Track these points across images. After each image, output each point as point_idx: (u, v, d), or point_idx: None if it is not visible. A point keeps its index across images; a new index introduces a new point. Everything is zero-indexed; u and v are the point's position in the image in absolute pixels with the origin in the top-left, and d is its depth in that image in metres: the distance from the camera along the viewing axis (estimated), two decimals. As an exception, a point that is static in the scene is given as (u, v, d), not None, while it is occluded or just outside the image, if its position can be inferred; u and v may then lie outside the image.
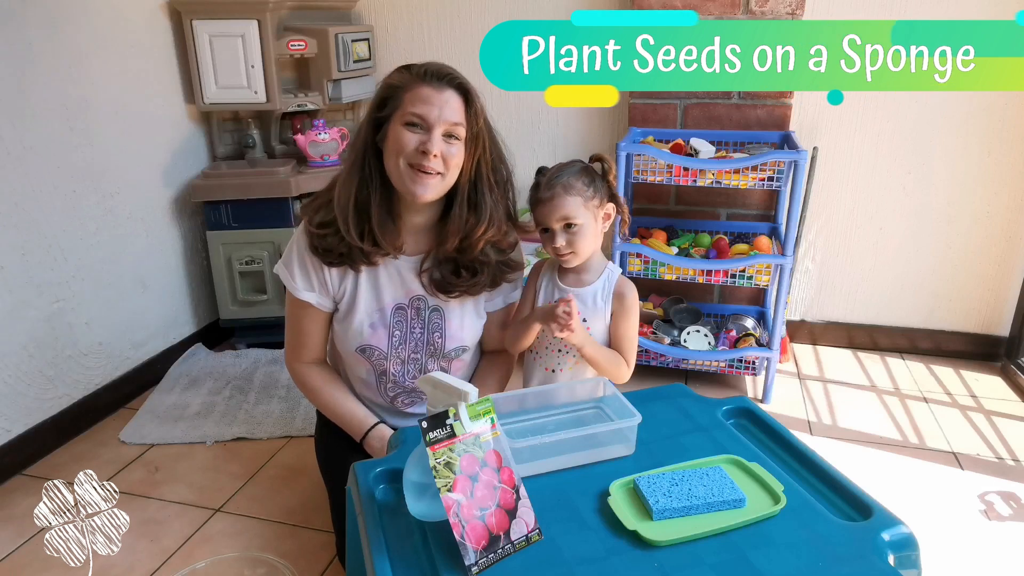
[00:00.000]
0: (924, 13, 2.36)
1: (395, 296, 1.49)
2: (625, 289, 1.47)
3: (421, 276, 1.47)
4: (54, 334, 2.17)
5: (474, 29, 2.78)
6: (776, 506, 1.02)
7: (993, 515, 1.86)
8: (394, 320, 1.50)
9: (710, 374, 2.54)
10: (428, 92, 1.31)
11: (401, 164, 1.33)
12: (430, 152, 1.31)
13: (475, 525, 0.93)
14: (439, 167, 1.33)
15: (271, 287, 2.68)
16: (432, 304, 1.50)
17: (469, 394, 1.01)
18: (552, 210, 1.40)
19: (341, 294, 1.49)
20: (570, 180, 1.40)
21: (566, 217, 1.40)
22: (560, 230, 1.41)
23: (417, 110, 1.31)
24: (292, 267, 1.48)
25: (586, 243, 1.42)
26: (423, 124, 1.31)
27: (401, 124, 1.32)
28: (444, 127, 1.32)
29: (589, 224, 1.42)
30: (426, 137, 1.31)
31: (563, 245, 1.41)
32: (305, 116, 2.80)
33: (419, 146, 1.31)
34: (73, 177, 2.21)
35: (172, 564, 1.72)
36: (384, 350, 1.51)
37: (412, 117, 1.31)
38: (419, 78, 1.33)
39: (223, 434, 2.22)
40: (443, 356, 1.54)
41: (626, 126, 2.60)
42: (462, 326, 1.53)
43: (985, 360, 2.65)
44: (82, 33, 2.21)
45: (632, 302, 1.47)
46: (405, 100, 1.32)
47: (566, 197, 1.39)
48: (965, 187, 2.51)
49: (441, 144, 1.32)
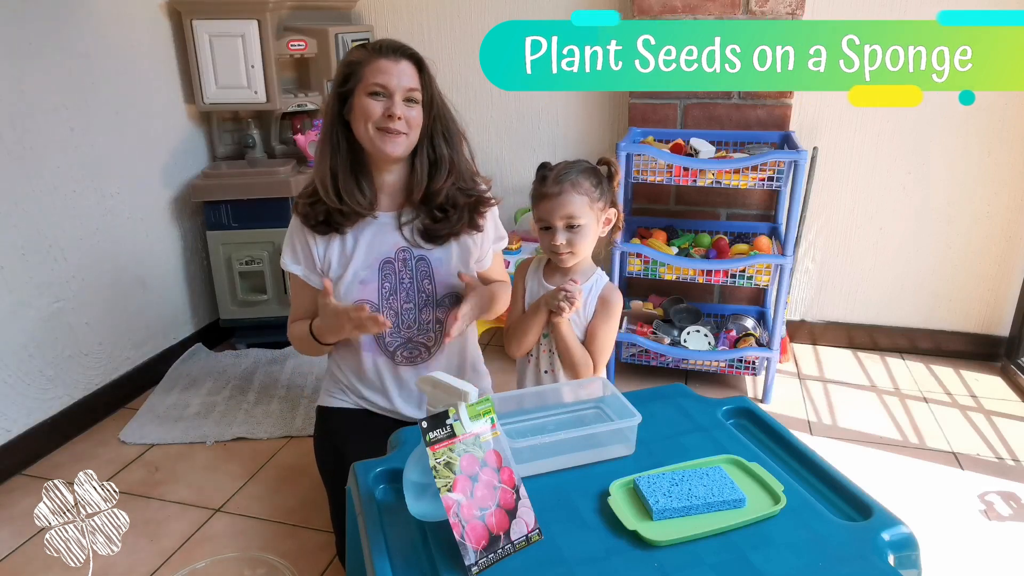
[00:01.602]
0: (924, 13, 2.36)
1: (381, 252, 1.59)
2: (611, 294, 1.47)
3: (402, 229, 1.59)
4: (54, 334, 2.17)
5: (474, 29, 2.78)
6: (776, 506, 1.02)
7: (993, 515, 1.86)
8: (382, 274, 1.59)
9: (710, 374, 2.54)
10: (386, 64, 1.48)
11: (370, 129, 1.48)
12: (395, 115, 1.46)
13: (475, 525, 0.93)
14: (403, 127, 1.48)
15: (271, 287, 2.68)
16: (417, 254, 1.60)
17: (469, 394, 1.01)
18: (558, 206, 1.40)
19: (327, 264, 1.59)
20: (578, 178, 1.40)
21: (571, 215, 1.39)
22: (562, 228, 1.41)
23: (378, 80, 1.47)
24: (285, 244, 1.63)
25: (586, 244, 1.42)
26: (385, 92, 1.47)
27: (365, 95, 1.48)
28: (403, 93, 1.48)
29: (591, 225, 1.42)
30: (390, 103, 1.47)
31: (563, 244, 1.41)
32: (305, 116, 2.80)
33: (384, 111, 1.47)
34: (73, 177, 2.21)
35: (172, 564, 1.72)
36: (376, 302, 1.58)
37: (374, 87, 1.47)
38: (376, 53, 1.49)
39: (223, 434, 2.22)
40: (437, 305, 1.61)
41: (626, 126, 2.60)
42: (450, 272, 1.61)
43: (985, 360, 2.65)
44: (82, 33, 2.21)
45: (615, 309, 1.47)
46: (366, 73, 1.48)
47: (573, 195, 1.39)
48: (965, 187, 2.51)
49: (403, 107, 1.48)
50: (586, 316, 1.48)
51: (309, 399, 2.40)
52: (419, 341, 1.63)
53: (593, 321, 1.47)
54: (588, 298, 1.47)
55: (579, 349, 1.47)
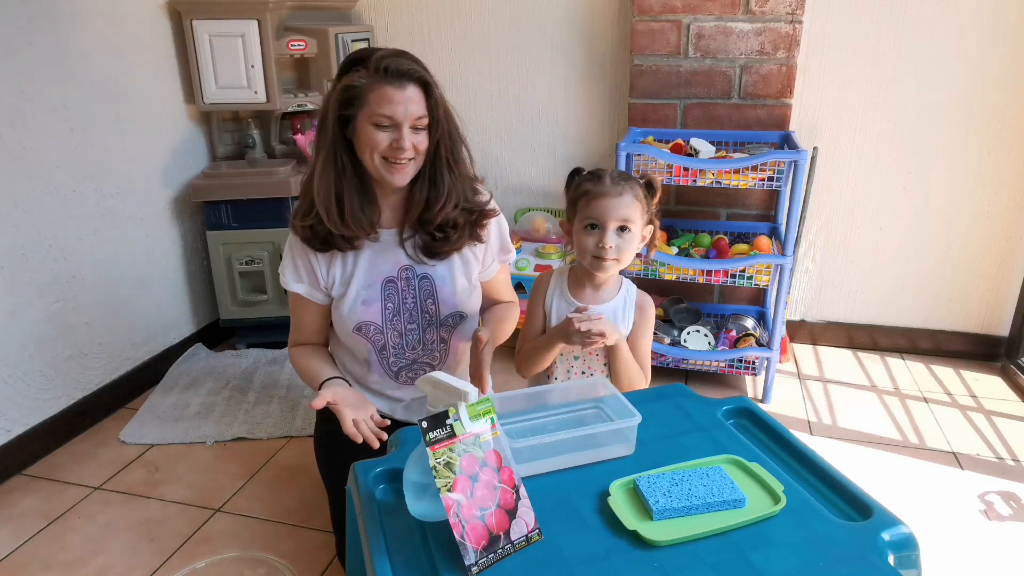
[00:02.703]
0: (924, 12, 2.36)
1: (383, 271, 1.54)
2: (646, 302, 1.47)
3: (404, 245, 1.54)
4: (54, 334, 2.17)
5: (474, 29, 2.78)
6: (776, 506, 1.02)
7: (993, 515, 1.86)
8: (385, 293, 1.55)
9: (710, 374, 2.54)
10: (391, 92, 1.37)
11: (376, 159, 1.41)
12: (404, 148, 1.39)
13: (475, 525, 0.93)
14: (411, 154, 1.42)
15: (271, 287, 2.68)
16: (420, 272, 1.55)
17: (469, 394, 1.01)
18: (616, 207, 1.36)
19: (331, 281, 1.54)
20: (635, 186, 1.38)
21: (626, 219, 1.36)
22: (615, 230, 1.37)
23: (384, 111, 1.37)
24: (285, 262, 1.57)
25: (630, 252, 1.39)
26: (391, 123, 1.39)
27: (370, 124, 1.39)
28: (410, 122, 1.39)
29: (637, 235, 1.39)
30: (397, 135, 1.39)
31: (612, 247, 1.36)
32: (305, 116, 2.80)
33: (392, 143, 1.39)
34: (73, 177, 2.21)
35: (172, 564, 1.72)
36: (379, 323, 1.55)
37: (380, 119, 1.38)
38: (381, 78, 1.37)
39: (223, 434, 2.22)
40: (440, 325, 1.58)
41: (626, 126, 2.60)
42: (454, 291, 1.57)
43: (985, 360, 2.65)
44: (82, 33, 2.21)
45: (652, 315, 1.47)
46: (370, 101, 1.38)
47: (632, 198, 1.36)
48: (965, 187, 2.51)
49: (410, 137, 1.40)
50: (627, 324, 1.45)
51: (309, 399, 2.40)
52: (424, 362, 1.61)
53: (633, 334, 1.45)
54: (625, 307, 1.45)
55: (635, 366, 1.44)
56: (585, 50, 2.70)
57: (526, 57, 2.77)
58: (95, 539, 1.81)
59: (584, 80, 2.74)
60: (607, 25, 2.65)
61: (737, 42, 2.40)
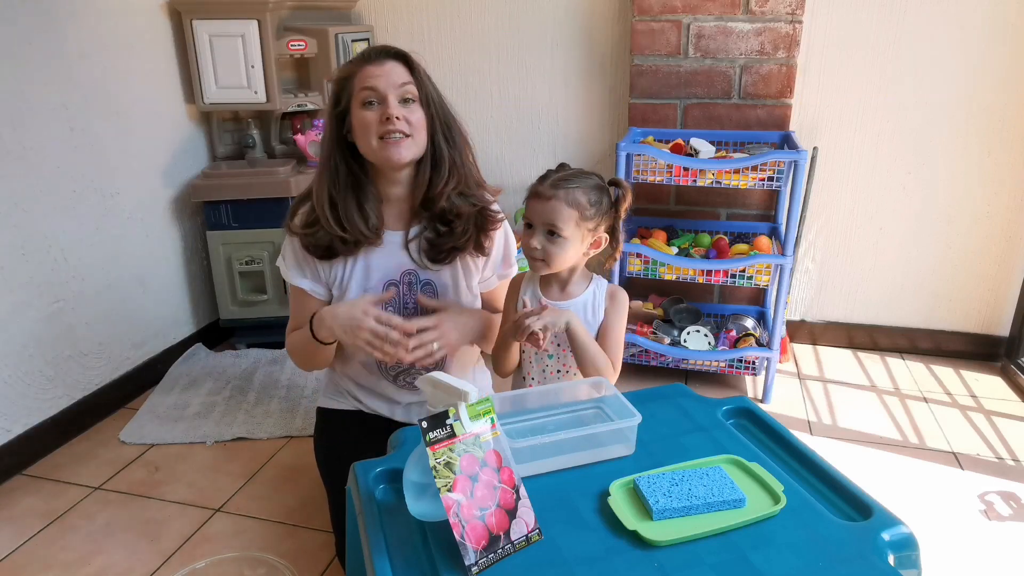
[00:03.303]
0: (924, 12, 2.36)
1: (386, 273, 1.55)
2: (617, 290, 1.45)
3: (408, 247, 1.54)
4: (54, 334, 2.17)
5: (474, 29, 2.78)
6: (776, 506, 1.02)
7: (993, 515, 1.86)
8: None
9: (710, 374, 2.54)
10: (371, 69, 1.41)
11: (373, 142, 1.41)
12: (392, 116, 1.39)
13: (475, 525, 0.93)
14: (405, 128, 1.41)
15: (271, 287, 2.68)
16: (424, 278, 1.56)
17: (469, 394, 1.01)
18: (543, 211, 1.35)
19: (334, 279, 1.55)
20: (577, 193, 1.34)
21: (552, 224, 1.34)
22: (543, 233, 1.36)
23: (367, 85, 1.40)
24: (287, 258, 1.57)
25: (562, 258, 1.37)
26: (377, 96, 1.40)
27: (359, 107, 1.41)
28: (395, 92, 1.41)
29: (574, 242, 1.36)
30: (384, 107, 1.40)
31: (537, 248, 1.36)
32: (305, 116, 2.80)
33: (380, 117, 1.40)
34: (73, 177, 2.21)
35: (172, 564, 1.72)
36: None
37: (365, 95, 1.40)
38: (361, 61, 1.43)
39: (223, 434, 2.22)
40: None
41: (626, 126, 2.60)
42: (457, 298, 1.57)
43: (985, 360, 2.65)
44: (82, 33, 2.21)
45: (624, 302, 1.45)
46: (355, 85, 1.42)
47: (563, 205, 1.33)
48: (965, 187, 2.51)
49: (399, 108, 1.40)
50: (597, 319, 1.44)
51: (309, 399, 2.40)
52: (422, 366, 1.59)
53: (604, 319, 1.45)
54: (595, 302, 1.45)
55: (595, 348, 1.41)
56: (585, 50, 2.70)
57: (526, 57, 2.77)
58: (95, 539, 1.81)
59: (584, 80, 2.74)
60: (607, 25, 2.65)
61: (737, 42, 2.40)
